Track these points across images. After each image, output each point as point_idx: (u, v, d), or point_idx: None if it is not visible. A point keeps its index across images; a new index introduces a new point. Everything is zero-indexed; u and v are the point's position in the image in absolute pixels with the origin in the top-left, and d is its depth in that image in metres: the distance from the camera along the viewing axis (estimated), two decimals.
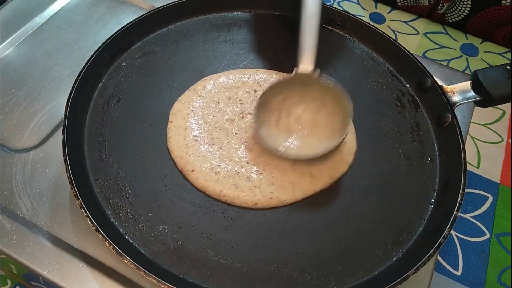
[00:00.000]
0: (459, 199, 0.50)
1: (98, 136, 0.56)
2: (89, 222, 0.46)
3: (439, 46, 0.80)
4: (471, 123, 0.66)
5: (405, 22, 0.83)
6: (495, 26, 0.78)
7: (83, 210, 0.47)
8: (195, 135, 0.56)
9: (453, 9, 0.80)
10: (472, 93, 0.58)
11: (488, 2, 0.76)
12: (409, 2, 0.83)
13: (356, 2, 0.86)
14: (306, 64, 0.54)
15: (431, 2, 0.81)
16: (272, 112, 0.55)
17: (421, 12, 0.84)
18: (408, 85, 0.64)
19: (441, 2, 0.80)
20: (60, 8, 0.74)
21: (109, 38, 0.61)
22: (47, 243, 0.51)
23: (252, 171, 0.54)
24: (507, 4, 0.74)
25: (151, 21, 0.65)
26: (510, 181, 0.63)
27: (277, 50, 0.67)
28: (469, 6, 0.78)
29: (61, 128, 0.52)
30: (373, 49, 0.67)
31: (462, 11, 0.79)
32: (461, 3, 0.78)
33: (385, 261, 0.49)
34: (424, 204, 0.54)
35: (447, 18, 0.82)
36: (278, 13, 0.70)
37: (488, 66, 0.76)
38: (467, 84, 0.58)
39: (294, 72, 0.54)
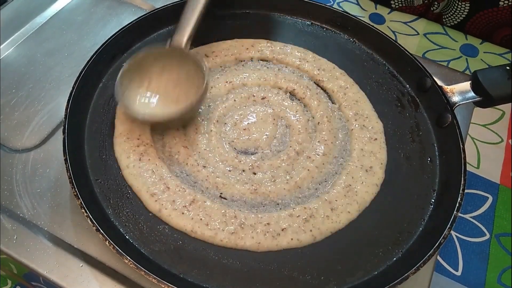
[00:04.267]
0: (459, 199, 0.50)
1: (99, 136, 0.56)
2: (90, 222, 0.46)
3: (439, 47, 0.80)
4: (471, 124, 0.66)
5: (404, 23, 0.83)
6: (493, 28, 0.78)
7: (83, 210, 0.47)
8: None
9: (452, 11, 0.80)
10: (471, 94, 0.58)
11: (486, 3, 0.76)
12: (403, 3, 0.83)
13: (356, 2, 0.87)
14: (180, 37, 0.56)
15: (425, 2, 0.81)
16: (141, 77, 0.56)
17: (415, 13, 0.84)
18: (408, 86, 0.64)
19: (435, 2, 0.80)
20: (61, 8, 0.74)
21: (109, 38, 0.61)
22: (47, 243, 0.51)
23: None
24: (504, 5, 0.74)
25: (151, 21, 0.65)
26: (510, 181, 0.63)
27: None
28: (467, 8, 0.78)
29: (62, 128, 0.52)
30: (373, 49, 0.67)
31: (460, 13, 0.79)
32: (460, 5, 0.78)
33: (385, 261, 0.49)
34: (424, 204, 0.54)
35: (445, 22, 0.83)
36: (278, 13, 0.70)
37: (487, 66, 0.76)
38: (466, 85, 0.59)
39: (168, 44, 0.57)
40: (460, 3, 0.78)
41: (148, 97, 0.56)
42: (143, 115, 0.54)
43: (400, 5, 0.84)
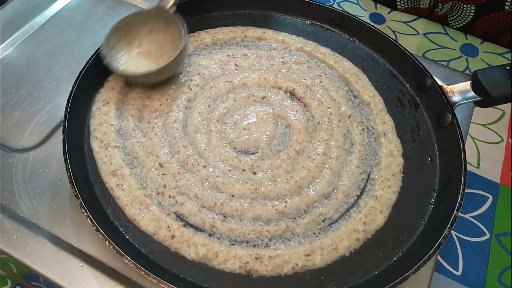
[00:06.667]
0: (459, 199, 0.50)
1: None
2: (90, 222, 0.46)
3: (439, 47, 0.80)
4: (471, 123, 0.66)
5: (405, 22, 0.83)
6: (499, 32, 0.78)
7: (83, 210, 0.47)
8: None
9: (457, 14, 0.80)
10: (472, 93, 0.58)
11: (491, 7, 0.76)
12: (409, 4, 0.83)
13: (356, 2, 0.87)
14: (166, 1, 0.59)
15: (431, 4, 0.81)
16: (130, 37, 0.61)
17: (420, 14, 0.84)
18: (408, 85, 0.64)
19: (439, 4, 0.80)
20: (61, 8, 0.74)
21: None
22: (47, 242, 0.51)
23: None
24: (510, 9, 0.74)
25: None
26: (510, 181, 0.63)
27: None
28: (473, 11, 0.78)
29: (61, 127, 0.52)
30: (373, 49, 0.67)
31: (466, 16, 0.79)
32: (465, 8, 0.78)
33: (385, 261, 0.49)
34: (424, 204, 0.54)
35: (450, 24, 0.82)
36: (278, 13, 0.70)
37: (488, 66, 0.76)
38: (467, 84, 0.59)
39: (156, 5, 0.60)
40: (465, 6, 0.78)
41: (132, 55, 0.60)
42: (123, 71, 0.58)
43: (406, 6, 0.84)
